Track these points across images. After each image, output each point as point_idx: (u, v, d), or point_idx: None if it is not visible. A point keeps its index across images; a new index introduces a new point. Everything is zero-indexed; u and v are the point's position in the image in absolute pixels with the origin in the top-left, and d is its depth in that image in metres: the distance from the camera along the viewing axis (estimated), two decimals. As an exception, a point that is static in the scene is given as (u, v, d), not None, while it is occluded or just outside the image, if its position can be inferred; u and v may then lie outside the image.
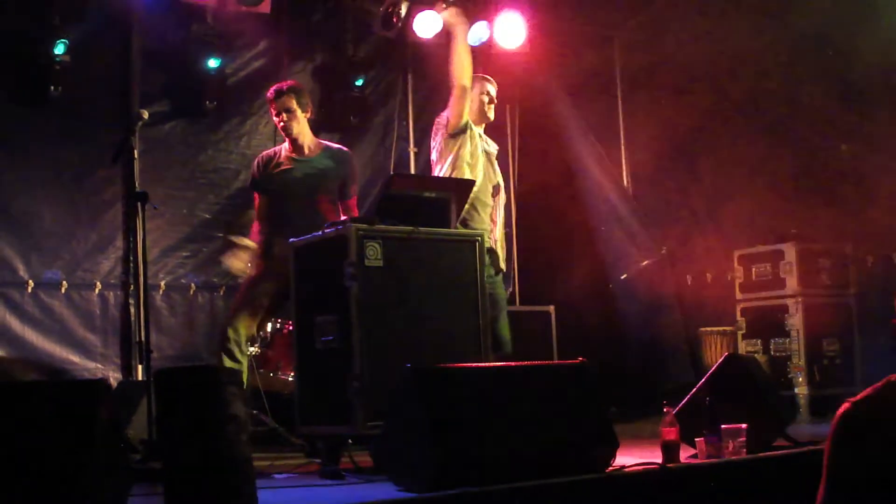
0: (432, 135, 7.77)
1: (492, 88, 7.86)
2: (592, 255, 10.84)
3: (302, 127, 7.45)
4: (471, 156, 7.54)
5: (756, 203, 9.93)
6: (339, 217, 7.22)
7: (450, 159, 7.52)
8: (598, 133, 11.27)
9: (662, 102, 10.75)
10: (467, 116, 7.56)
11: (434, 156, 7.71)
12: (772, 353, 9.49)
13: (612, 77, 11.52)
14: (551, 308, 10.16)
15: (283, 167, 7.44)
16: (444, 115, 7.67)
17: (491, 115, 7.88)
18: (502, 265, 7.86)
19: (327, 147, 7.60)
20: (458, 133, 7.54)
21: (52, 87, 8.69)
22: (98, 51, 9.04)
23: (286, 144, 7.51)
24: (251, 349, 8.21)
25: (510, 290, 10.32)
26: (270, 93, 7.49)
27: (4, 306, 8.64)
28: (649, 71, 10.97)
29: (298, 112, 7.40)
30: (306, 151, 7.48)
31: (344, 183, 7.51)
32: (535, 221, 10.87)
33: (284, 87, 7.45)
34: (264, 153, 7.67)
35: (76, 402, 4.45)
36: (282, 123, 7.41)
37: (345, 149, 7.72)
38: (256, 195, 7.56)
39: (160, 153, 9.25)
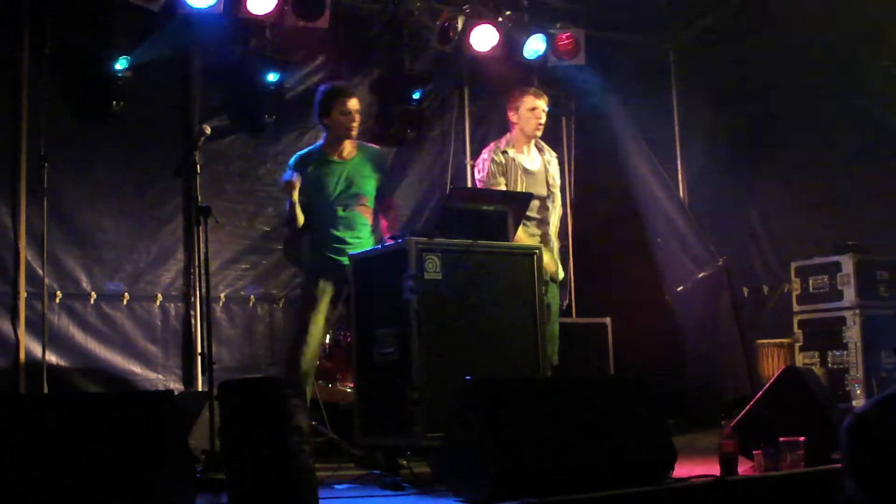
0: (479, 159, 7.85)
1: (541, 103, 7.80)
2: (649, 267, 10.82)
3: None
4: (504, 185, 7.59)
5: (813, 214, 9.89)
6: (375, 219, 7.34)
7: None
8: (653, 144, 11.25)
9: (718, 113, 10.73)
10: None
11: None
12: (829, 365, 9.41)
13: (668, 87, 11.49)
14: (608, 320, 10.15)
15: (321, 168, 7.38)
16: (486, 157, 7.70)
17: (538, 133, 7.83)
18: (560, 275, 7.85)
19: (361, 145, 7.55)
20: None
21: (115, 102, 8.82)
22: (159, 66, 9.13)
23: (323, 145, 7.46)
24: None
25: (566, 301, 10.32)
26: (339, 88, 7.44)
27: (68, 317, 8.76)
28: (705, 80, 10.95)
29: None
30: (346, 154, 7.43)
31: (380, 182, 7.49)
32: (591, 233, 10.87)
33: (351, 88, 7.38)
34: (301, 153, 7.58)
35: (144, 413, 4.53)
36: (353, 123, 7.33)
37: (377, 147, 7.70)
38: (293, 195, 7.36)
39: (220, 167, 9.35)
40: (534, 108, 7.71)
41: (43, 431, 4.48)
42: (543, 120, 7.80)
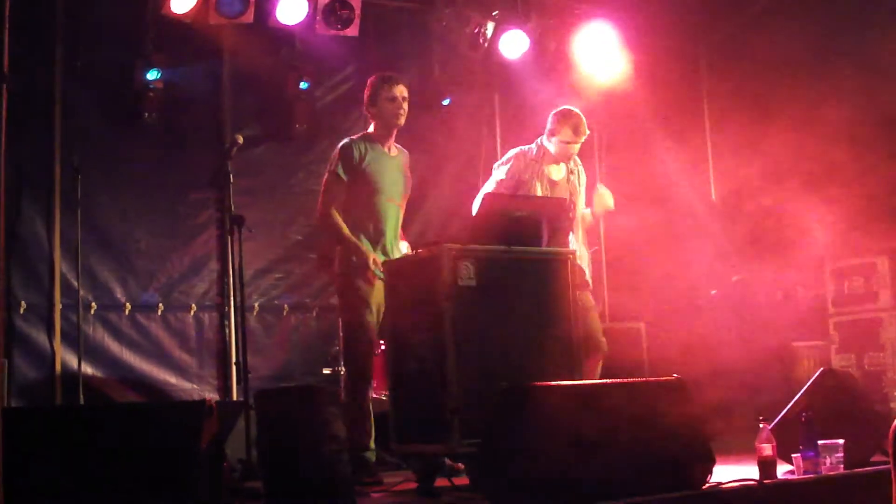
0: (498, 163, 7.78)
1: (581, 139, 7.58)
2: (682, 271, 10.78)
3: None
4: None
5: (848, 216, 9.83)
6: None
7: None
8: (685, 146, 11.21)
9: (750, 114, 10.69)
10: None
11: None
12: (866, 367, 9.35)
13: (699, 90, 11.46)
14: (642, 324, 10.12)
15: (376, 160, 7.06)
16: (514, 164, 7.65)
17: (569, 160, 7.70)
18: (588, 279, 7.81)
19: (398, 146, 7.32)
20: None
21: (147, 114, 8.89)
22: (190, 76, 9.18)
23: (373, 135, 7.12)
24: (343, 368, 8.30)
25: (600, 308, 10.31)
26: (385, 75, 7.14)
27: (103, 328, 8.82)
28: (736, 80, 10.92)
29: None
30: (393, 150, 7.20)
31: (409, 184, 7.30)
32: (624, 238, 10.84)
33: (398, 75, 7.17)
34: (349, 141, 7.09)
35: (181, 423, 4.54)
36: (401, 111, 7.04)
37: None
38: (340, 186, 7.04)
39: (252, 176, 9.37)
40: (569, 143, 7.58)
41: (80, 443, 4.50)
42: (575, 153, 7.67)
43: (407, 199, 7.23)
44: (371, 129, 7.12)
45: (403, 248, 7.20)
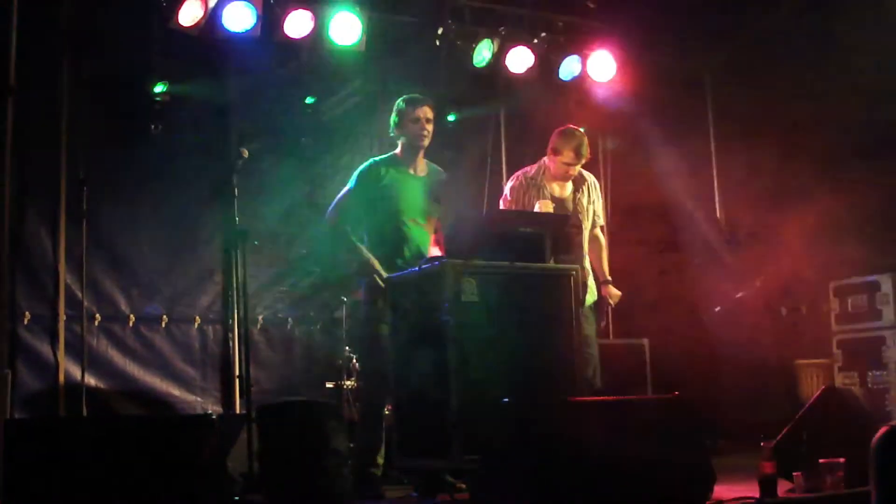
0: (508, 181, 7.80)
1: (580, 161, 7.58)
2: (686, 288, 10.79)
3: None
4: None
5: (852, 233, 9.82)
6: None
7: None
8: (690, 164, 11.22)
9: (755, 133, 10.70)
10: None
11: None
12: (869, 385, 9.34)
13: (704, 107, 11.48)
14: (645, 341, 10.13)
15: (398, 180, 7.14)
16: (514, 184, 7.67)
17: (567, 181, 7.76)
18: (589, 299, 7.80)
19: (430, 165, 7.39)
20: None
21: (153, 126, 8.91)
22: (197, 89, 9.20)
23: (398, 156, 7.21)
24: (347, 382, 8.30)
25: (603, 323, 10.29)
26: (411, 97, 7.20)
27: (107, 340, 8.83)
28: (741, 100, 10.92)
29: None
30: (419, 170, 7.26)
31: (441, 205, 7.33)
32: (627, 255, 10.85)
33: (425, 97, 7.20)
34: (372, 162, 7.23)
35: (183, 436, 4.55)
36: (424, 132, 7.13)
37: (442, 170, 7.50)
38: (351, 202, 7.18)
39: (257, 189, 9.37)
40: (569, 165, 7.59)
41: (82, 454, 4.51)
42: (576, 173, 7.69)
43: (435, 220, 7.26)
44: (398, 149, 7.21)
45: None
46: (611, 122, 10.98)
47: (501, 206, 7.68)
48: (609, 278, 7.89)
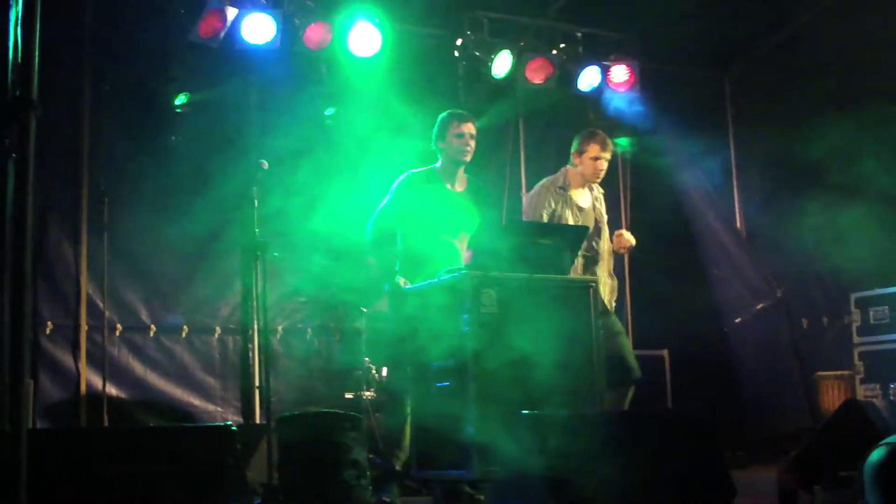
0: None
1: (607, 155, 7.64)
2: (706, 299, 10.77)
3: None
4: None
5: (873, 244, 9.78)
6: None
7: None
8: (709, 174, 11.21)
9: (775, 142, 10.67)
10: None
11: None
12: (891, 397, 9.29)
13: (724, 116, 11.47)
14: (665, 352, 10.11)
15: (435, 194, 7.16)
16: (540, 192, 7.67)
17: (597, 181, 7.76)
18: (609, 306, 7.79)
19: (471, 180, 7.36)
20: None
21: (174, 137, 8.93)
22: (217, 100, 9.23)
23: (438, 169, 7.21)
24: (367, 393, 8.30)
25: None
26: (455, 112, 7.25)
27: (128, 350, 8.84)
28: (761, 109, 10.91)
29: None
30: (458, 186, 7.26)
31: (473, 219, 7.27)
32: (647, 265, 10.84)
33: (468, 113, 7.21)
34: (409, 174, 7.24)
35: (203, 446, 4.56)
36: (468, 147, 7.15)
37: (485, 185, 7.49)
38: (387, 215, 7.22)
39: (277, 200, 9.38)
40: (598, 159, 7.59)
41: (103, 464, 4.52)
42: (604, 170, 7.72)
43: (467, 237, 7.17)
44: (438, 163, 7.21)
45: None
46: (630, 133, 10.97)
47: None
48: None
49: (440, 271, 6.80)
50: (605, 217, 7.89)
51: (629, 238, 7.82)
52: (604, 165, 7.65)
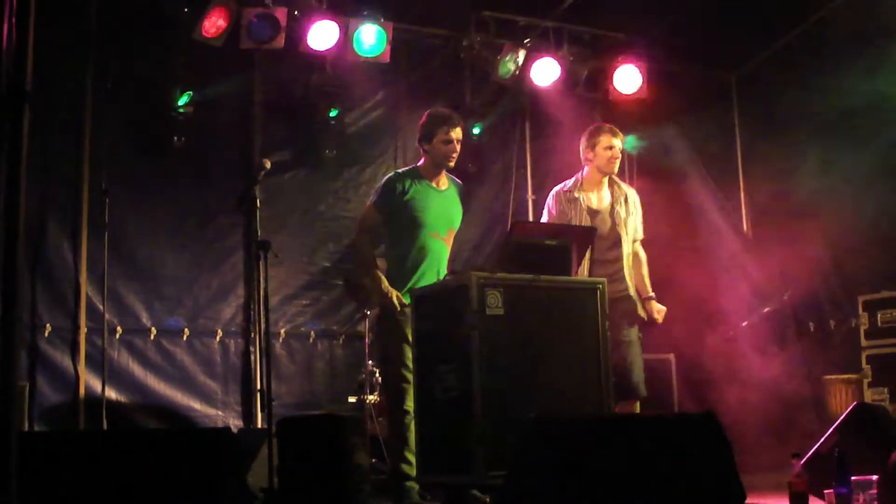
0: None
1: (618, 142, 7.55)
2: (713, 303, 10.68)
3: None
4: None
5: (881, 247, 9.71)
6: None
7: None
8: (717, 177, 11.16)
9: (782, 143, 10.61)
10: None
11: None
12: (901, 401, 9.25)
13: (731, 119, 11.41)
14: (672, 356, 10.04)
15: (421, 194, 7.04)
16: (551, 203, 7.59)
17: (614, 170, 7.67)
18: (641, 313, 7.71)
19: (449, 177, 7.26)
20: None
21: (176, 137, 8.88)
22: (220, 101, 9.18)
23: (421, 169, 7.10)
24: (370, 397, 8.23)
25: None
26: (445, 115, 7.10)
27: (128, 352, 8.79)
28: (768, 110, 10.85)
29: None
30: (441, 184, 7.16)
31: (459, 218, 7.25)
32: (655, 268, 10.76)
33: (457, 117, 7.14)
34: (394, 175, 7.16)
35: (203, 450, 4.48)
36: (454, 154, 7.03)
37: (460, 181, 7.40)
38: (375, 218, 7.11)
39: (280, 202, 9.35)
40: (611, 147, 7.52)
41: (102, 468, 4.45)
42: (619, 158, 7.65)
43: (454, 234, 7.18)
44: (421, 163, 7.13)
45: None
46: (636, 133, 10.91)
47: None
48: (652, 294, 7.76)
49: (431, 270, 6.84)
50: (630, 220, 7.71)
51: (660, 310, 7.76)
52: (618, 153, 7.58)
